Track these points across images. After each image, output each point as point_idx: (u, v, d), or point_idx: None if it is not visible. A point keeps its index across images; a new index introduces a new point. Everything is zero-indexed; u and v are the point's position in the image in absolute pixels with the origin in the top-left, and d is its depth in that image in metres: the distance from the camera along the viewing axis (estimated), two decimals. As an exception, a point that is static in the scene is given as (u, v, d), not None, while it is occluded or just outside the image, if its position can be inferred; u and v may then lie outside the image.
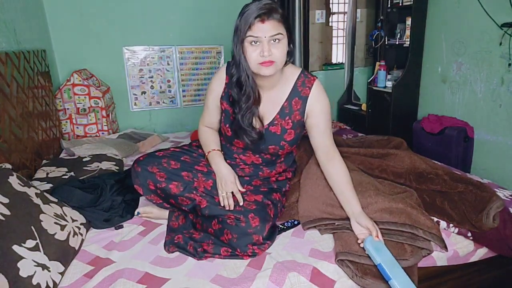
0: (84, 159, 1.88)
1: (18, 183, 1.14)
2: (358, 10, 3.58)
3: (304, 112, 1.29)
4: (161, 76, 2.92)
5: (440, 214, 1.28)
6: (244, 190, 1.31)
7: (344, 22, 3.94)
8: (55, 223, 1.13)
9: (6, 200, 1.04)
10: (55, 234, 1.10)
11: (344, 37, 3.82)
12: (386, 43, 3.04)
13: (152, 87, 2.91)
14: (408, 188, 1.37)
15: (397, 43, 2.96)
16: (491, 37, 2.27)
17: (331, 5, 3.89)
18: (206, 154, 1.37)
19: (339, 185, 1.25)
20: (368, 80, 3.17)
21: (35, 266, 0.96)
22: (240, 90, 1.22)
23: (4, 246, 0.93)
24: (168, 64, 2.91)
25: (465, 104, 2.55)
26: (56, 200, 1.26)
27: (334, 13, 3.97)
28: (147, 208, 1.41)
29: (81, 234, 1.23)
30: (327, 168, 1.28)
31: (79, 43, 2.60)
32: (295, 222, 1.32)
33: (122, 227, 1.34)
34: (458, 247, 1.23)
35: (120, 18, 2.68)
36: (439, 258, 1.21)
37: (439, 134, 2.55)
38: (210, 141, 1.38)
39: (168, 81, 2.95)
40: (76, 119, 2.44)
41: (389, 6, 2.96)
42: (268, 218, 1.22)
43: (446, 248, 1.16)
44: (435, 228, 1.16)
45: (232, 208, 1.23)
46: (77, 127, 2.45)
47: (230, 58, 1.36)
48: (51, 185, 1.52)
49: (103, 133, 2.50)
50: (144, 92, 2.90)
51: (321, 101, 1.28)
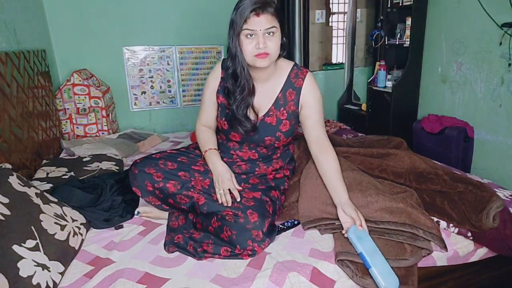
0: (84, 159, 1.88)
1: (18, 183, 1.14)
2: (358, 10, 3.58)
3: (298, 103, 1.33)
4: (161, 76, 2.92)
5: (440, 214, 1.28)
6: (240, 188, 1.32)
7: (344, 22, 3.94)
8: (55, 223, 1.13)
9: (6, 200, 1.04)
10: (55, 234, 1.10)
11: (344, 37, 3.82)
12: (386, 43, 3.04)
13: (152, 87, 2.91)
14: (408, 188, 1.37)
15: (397, 43, 2.96)
16: (491, 37, 2.27)
17: (331, 5, 3.89)
18: (203, 154, 1.38)
19: (328, 174, 1.27)
20: (368, 80, 3.17)
21: (35, 266, 0.96)
22: (235, 82, 1.26)
23: (4, 246, 0.93)
24: (168, 64, 2.91)
25: (465, 104, 2.55)
26: (56, 200, 1.26)
27: (334, 13, 3.97)
28: (147, 208, 1.41)
29: (81, 234, 1.23)
30: (319, 159, 1.31)
31: (79, 43, 2.61)
32: (295, 222, 1.32)
33: (122, 227, 1.34)
34: (458, 247, 1.23)
35: (120, 18, 2.68)
36: (439, 258, 1.21)
37: (439, 134, 2.55)
38: (207, 140, 1.41)
39: (168, 81, 2.95)
40: (76, 119, 2.44)
41: (389, 6, 2.96)
42: (266, 214, 1.22)
43: (446, 248, 1.16)
44: (435, 228, 1.16)
45: (230, 204, 1.24)
46: (77, 127, 2.46)
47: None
48: (51, 185, 1.52)
49: (103, 133, 2.50)
50: (144, 92, 2.90)
51: (314, 92, 1.33)
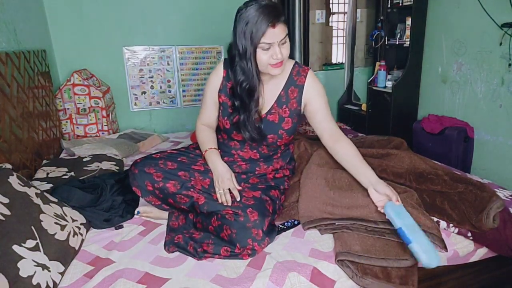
0: (84, 159, 1.88)
1: (18, 183, 1.14)
2: (358, 10, 3.58)
3: (301, 101, 1.33)
4: (161, 76, 2.92)
5: (440, 214, 1.28)
6: (240, 188, 1.32)
7: (344, 22, 3.95)
8: (55, 223, 1.13)
9: (6, 200, 1.04)
10: (55, 234, 1.10)
11: (344, 37, 3.82)
12: (386, 43, 3.04)
13: (152, 87, 2.92)
14: (408, 189, 1.37)
15: (397, 43, 2.96)
16: (491, 37, 2.27)
17: (331, 5, 3.89)
18: (203, 153, 1.38)
19: (348, 159, 1.28)
20: (368, 80, 3.17)
21: (35, 266, 0.96)
22: (250, 96, 1.25)
23: (4, 246, 0.93)
24: (168, 64, 2.91)
25: (465, 104, 2.55)
26: (56, 200, 1.26)
27: (334, 13, 3.97)
28: (147, 208, 1.41)
29: (81, 234, 1.23)
30: (335, 148, 1.32)
31: (79, 43, 2.61)
32: (295, 222, 1.32)
33: (122, 227, 1.34)
34: (458, 247, 1.23)
35: (120, 18, 2.68)
36: (439, 258, 1.20)
37: (439, 134, 2.55)
38: (207, 140, 1.40)
39: (168, 81, 2.95)
40: (76, 119, 2.44)
41: (389, 6, 2.96)
42: (266, 213, 1.22)
43: (446, 248, 1.16)
44: (435, 229, 1.16)
45: (230, 204, 1.24)
46: (77, 127, 2.46)
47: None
48: (51, 185, 1.52)
49: (103, 133, 2.50)
50: (144, 92, 2.90)
51: (317, 87, 1.33)
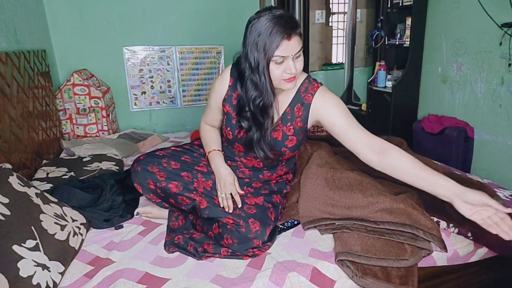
0: (84, 159, 1.88)
1: (18, 183, 1.14)
2: (358, 10, 3.58)
3: (307, 119, 1.25)
4: (161, 76, 2.92)
5: (440, 214, 1.28)
6: (243, 192, 1.30)
7: (344, 22, 3.95)
8: (55, 223, 1.13)
9: (6, 200, 1.04)
10: (55, 234, 1.10)
11: (344, 37, 3.82)
12: (386, 43, 3.04)
13: (152, 87, 2.91)
14: (409, 189, 1.37)
15: (397, 43, 2.97)
16: (491, 37, 2.27)
17: (331, 5, 3.90)
18: (207, 154, 1.38)
19: (414, 171, 1.07)
20: (368, 80, 3.17)
21: (35, 266, 0.96)
22: (264, 114, 1.17)
23: (4, 246, 0.93)
24: (168, 64, 2.91)
25: (465, 104, 2.55)
26: (56, 200, 1.26)
27: (334, 13, 3.97)
28: (147, 208, 1.41)
29: (81, 234, 1.23)
30: (386, 161, 1.12)
31: (79, 43, 2.61)
32: (295, 222, 1.32)
33: (122, 227, 1.34)
34: (458, 247, 1.23)
35: (120, 18, 2.68)
36: (439, 258, 1.20)
37: (439, 134, 2.55)
38: (211, 140, 1.38)
39: (168, 81, 2.95)
40: (76, 119, 2.44)
41: (389, 6, 2.96)
42: (268, 222, 1.21)
43: (445, 249, 1.16)
44: (436, 229, 1.16)
45: (231, 210, 1.23)
46: (77, 127, 2.46)
47: (230, 58, 1.36)
48: (51, 185, 1.52)
49: (103, 133, 2.50)
50: (144, 92, 2.90)
51: (328, 101, 1.22)
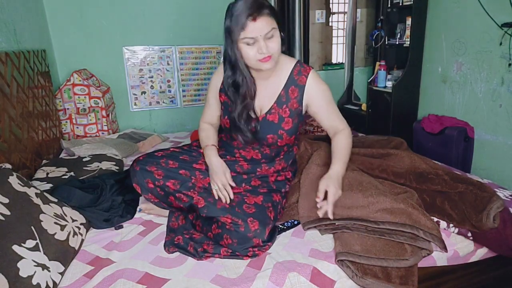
0: (84, 159, 1.88)
1: (18, 183, 1.14)
2: (358, 10, 3.58)
3: (302, 101, 1.30)
4: (161, 76, 2.92)
5: (440, 214, 1.28)
6: (234, 184, 1.30)
7: (344, 22, 3.94)
8: (55, 223, 1.13)
9: (6, 200, 1.04)
10: (55, 234, 1.10)
11: (344, 37, 3.82)
12: (386, 43, 3.04)
13: (152, 87, 2.91)
14: (409, 189, 1.37)
15: (397, 43, 2.96)
16: (491, 37, 2.27)
17: (331, 5, 3.89)
18: (202, 150, 1.39)
19: (334, 148, 1.30)
20: (368, 80, 3.17)
21: (35, 266, 0.96)
22: (236, 91, 1.24)
23: (4, 246, 0.93)
24: (168, 64, 2.91)
25: (465, 104, 2.55)
26: (56, 200, 1.26)
27: (334, 13, 3.97)
28: (149, 204, 1.41)
29: (81, 234, 1.23)
30: (333, 140, 1.34)
31: (79, 43, 2.61)
32: (295, 222, 1.32)
33: (122, 227, 1.34)
34: (458, 247, 1.23)
35: (120, 18, 2.68)
36: (439, 258, 1.21)
37: (439, 134, 2.55)
38: (207, 137, 1.40)
39: (168, 81, 2.95)
40: (76, 119, 2.44)
41: (389, 6, 2.96)
42: (268, 221, 1.21)
43: (445, 249, 1.16)
44: (436, 229, 1.16)
45: (228, 201, 1.23)
46: (77, 127, 2.45)
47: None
48: (51, 185, 1.52)
49: (103, 133, 2.50)
50: (144, 92, 2.90)
51: (319, 88, 1.31)
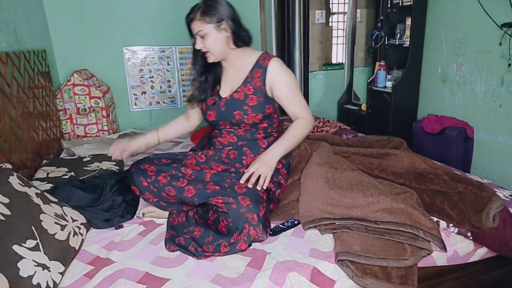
0: (84, 159, 1.88)
1: (19, 183, 1.14)
2: (358, 10, 3.58)
3: (264, 80, 1.42)
4: (161, 76, 2.92)
5: (440, 214, 1.28)
6: (119, 153, 1.47)
7: (344, 22, 3.94)
8: (55, 223, 1.13)
9: (6, 200, 1.04)
10: (55, 234, 1.10)
11: (344, 37, 3.82)
12: (386, 43, 3.04)
13: (152, 87, 2.92)
14: (408, 189, 1.37)
15: (397, 43, 2.97)
16: (491, 37, 2.28)
17: (331, 5, 3.89)
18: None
19: (285, 131, 1.42)
20: (368, 80, 3.17)
21: (35, 266, 0.96)
22: (194, 71, 1.49)
23: (4, 246, 0.93)
24: (168, 64, 2.91)
25: (465, 104, 2.55)
26: (56, 200, 1.26)
27: (334, 13, 3.97)
28: (150, 207, 1.42)
29: (81, 234, 1.23)
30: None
31: (79, 43, 2.61)
32: (295, 222, 1.32)
33: (122, 227, 1.35)
34: (458, 247, 1.24)
35: (120, 18, 2.68)
36: (439, 258, 1.21)
37: (439, 134, 2.55)
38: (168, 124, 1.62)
39: (168, 81, 2.95)
40: (77, 119, 2.44)
41: (389, 6, 2.97)
42: (260, 199, 1.24)
43: (445, 249, 1.16)
44: (436, 229, 1.16)
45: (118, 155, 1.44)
46: (77, 127, 2.46)
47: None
48: (51, 185, 1.52)
49: (103, 133, 2.50)
50: (144, 92, 2.90)
51: (281, 72, 1.42)
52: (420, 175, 1.43)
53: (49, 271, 1.00)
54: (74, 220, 1.23)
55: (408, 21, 2.77)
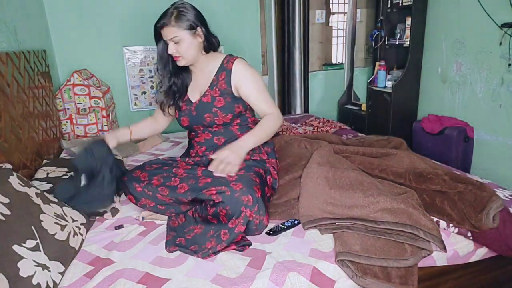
0: (84, 159, 1.87)
1: (19, 183, 1.14)
2: (358, 10, 3.58)
3: (230, 82, 1.45)
4: (161, 76, 2.92)
5: (440, 214, 1.28)
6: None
7: (344, 22, 3.94)
8: (55, 223, 1.13)
9: (6, 200, 1.04)
10: (55, 234, 1.10)
11: (344, 37, 3.82)
12: (386, 43, 3.04)
13: (152, 87, 2.92)
14: (408, 189, 1.37)
15: (397, 43, 2.97)
16: (491, 37, 2.28)
17: (331, 5, 3.89)
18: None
19: (255, 127, 1.44)
20: (368, 80, 3.18)
21: (35, 266, 0.96)
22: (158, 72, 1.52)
23: (4, 246, 0.93)
24: (168, 64, 2.91)
25: (465, 104, 2.55)
26: (56, 200, 1.26)
27: (334, 13, 3.97)
28: (147, 211, 1.41)
29: (81, 234, 1.23)
30: None
31: (79, 43, 2.60)
32: (295, 222, 1.32)
33: (122, 227, 1.35)
34: (458, 247, 1.24)
35: (120, 18, 2.68)
36: (439, 258, 1.21)
37: (439, 134, 2.55)
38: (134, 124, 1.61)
39: (168, 81, 2.95)
40: (77, 119, 2.44)
41: (389, 6, 2.97)
42: (253, 182, 1.25)
43: (445, 249, 1.16)
44: (436, 230, 1.16)
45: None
46: (77, 127, 2.46)
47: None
48: (51, 185, 1.52)
49: (103, 133, 2.50)
50: (144, 92, 2.90)
51: (245, 72, 1.45)
52: (420, 175, 1.43)
53: (49, 271, 1.00)
54: (74, 220, 1.23)
55: (408, 21, 2.77)
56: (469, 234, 1.25)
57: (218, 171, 1.29)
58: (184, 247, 1.19)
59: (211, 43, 1.44)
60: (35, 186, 1.22)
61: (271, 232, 1.27)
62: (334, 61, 4.07)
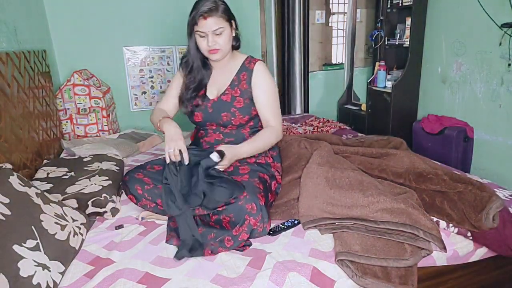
0: (84, 159, 1.87)
1: (19, 183, 1.14)
2: (358, 10, 3.59)
3: (250, 82, 1.45)
4: (161, 76, 2.92)
5: (440, 214, 1.28)
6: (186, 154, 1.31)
7: (344, 22, 3.94)
8: (56, 223, 1.13)
9: (6, 200, 1.04)
10: (56, 234, 1.10)
11: (344, 37, 3.82)
12: (386, 43, 3.04)
13: (152, 87, 2.92)
14: (408, 189, 1.37)
15: (397, 43, 2.97)
16: (491, 37, 2.28)
17: (331, 5, 3.89)
18: (158, 124, 1.44)
19: (254, 136, 1.43)
20: (368, 80, 3.18)
21: (35, 266, 0.96)
22: (189, 73, 1.49)
23: (5, 246, 0.93)
24: (168, 64, 2.91)
25: (465, 104, 2.55)
26: (56, 200, 1.26)
27: (334, 13, 3.97)
28: (148, 211, 1.41)
29: (81, 234, 1.23)
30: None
31: (79, 43, 2.61)
32: (295, 222, 1.33)
33: (122, 227, 1.34)
34: (457, 247, 1.24)
35: (120, 18, 2.68)
36: (439, 258, 1.21)
37: (439, 134, 2.55)
38: (159, 114, 1.51)
39: (169, 81, 2.95)
40: (77, 119, 2.44)
41: (389, 6, 2.97)
42: (256, 190, 1.25)
43: (445, 249, 1.16)
44: (435, 229, 1.17)
45: (178, 159, 1.27)
46: (77, 127, 2.46)
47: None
48: (51, 185, 1.52)
49: (103, 133, 2.50)
50: (144, 92, 2.91)
51: (264, 78, 1.45)
52: (420, 175, 1.43)
53: (49, 271, 1.00)
54: (74, 220, 1.24)
55: (408, 21, 2.77)
56: (469, 234, 1.25)
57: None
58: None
59: (238, 40, 1.45)
60: (35, 186, 1.22)
61: (271, 232, 1.27)
62: (334, 61, 4.07)
